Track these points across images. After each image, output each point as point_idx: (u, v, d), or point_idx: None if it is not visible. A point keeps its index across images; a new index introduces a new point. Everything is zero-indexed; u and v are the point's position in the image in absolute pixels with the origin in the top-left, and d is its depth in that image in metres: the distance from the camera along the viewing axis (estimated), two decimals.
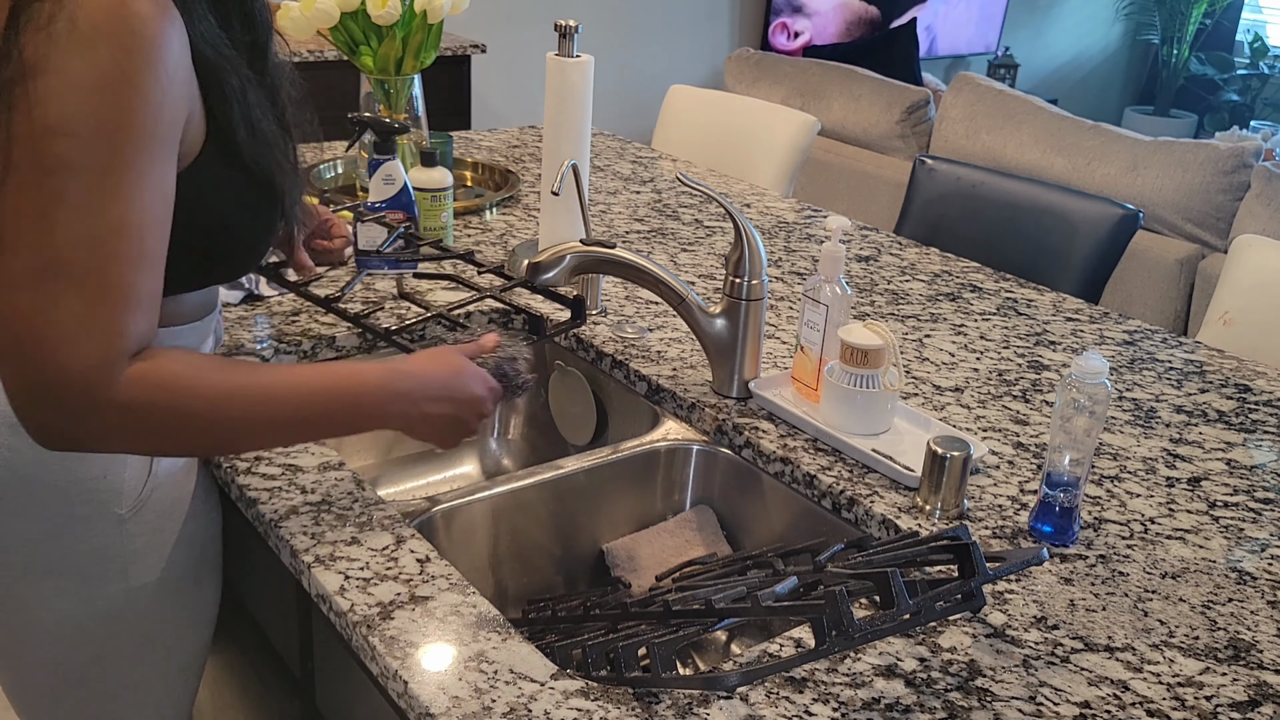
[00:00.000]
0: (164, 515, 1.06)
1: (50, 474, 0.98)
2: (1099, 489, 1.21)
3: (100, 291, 0.82)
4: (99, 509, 1.01)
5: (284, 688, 1.22)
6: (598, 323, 1.53)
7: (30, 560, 1.01)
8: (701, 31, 5.09)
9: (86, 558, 1.02)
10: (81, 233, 0.81)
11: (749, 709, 0.85)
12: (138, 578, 1.05)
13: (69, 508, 1.00)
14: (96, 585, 1.03)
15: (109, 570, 1.03)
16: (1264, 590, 1.05)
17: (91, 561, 1.02)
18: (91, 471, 1.00)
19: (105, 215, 0.82)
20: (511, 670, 0.86)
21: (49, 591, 1.02)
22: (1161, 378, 1.51)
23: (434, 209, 1.67)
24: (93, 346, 0.82)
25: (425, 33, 1.79)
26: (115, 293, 0.83)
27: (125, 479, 1.01)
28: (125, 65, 0.81)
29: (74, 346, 0.81)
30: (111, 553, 1.03)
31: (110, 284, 0.83)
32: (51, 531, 1.00)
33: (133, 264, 0.84)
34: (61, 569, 1.02)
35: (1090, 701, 0.88)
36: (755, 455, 1.27)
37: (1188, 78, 6.60)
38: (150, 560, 1.06)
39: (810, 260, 1.85)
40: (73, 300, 0.81)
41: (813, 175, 4.00)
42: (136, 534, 1.04)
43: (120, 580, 1.04)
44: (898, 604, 0.82)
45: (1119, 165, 3.29)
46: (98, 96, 0.80)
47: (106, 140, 0.81)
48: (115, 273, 0.83)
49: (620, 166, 2.34)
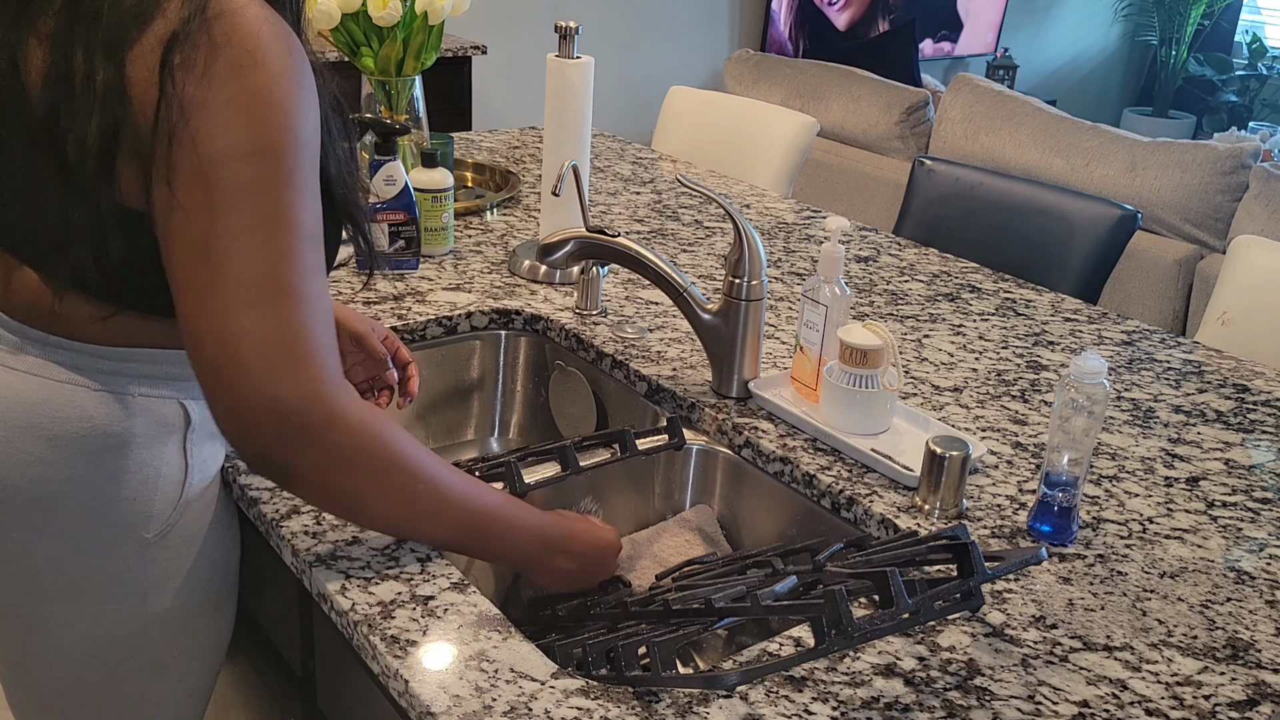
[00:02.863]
0: (188, 541, 1.04)
1: (81, 492, 0.97)
2: (1097, 489, 1.21)
3: (308, 305, 0.85)
4: (125, 531, 1.00)
5: (285, 687, 1.22)
6: (598, 323, 1.53)
7: (52, 579, 0.99)
8: (701, 32, 5.09)
9: (108, 580, 1.01)
10: (274, 248, 0.83)
11: (749, 708, 0.85)
12: (156, 603, 1.04)
13: (96, 529, 0.98)
14: (114, 608, 1.02)
15: (129, 593, 1.02)
16: (1262, 590, 1.05)
17: (112, 584, 1.01)
18: (123, 493, 0.98)
19: (290, 228, 0.84)
20: (512, 669, 0.87)
21: (66, 611, 1.01)
22: (1160, 378, 1.51)
23: (435, 210, 1.67)
24: (320, 362, 0.85)
25: (426, 34, 1.79)
26: (318, 307, 0.86)
27: (155, 502, 1.00)
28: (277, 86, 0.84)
29: (306, 361, 0.84)
30: (133, 576, 1.01)
31: (311, 297, 0.85)
32: (75, 551, 0.99)
33: (319, 273, 0.87)
34: (82, 590, 1.00)
35: (1089, 701, 0.89)
36: (755, 455, 1.27)
37: (1186, 79, 6.60)
38: (170, 586, 1.04)
39: (810, 261, 1.85)
40: (291, 317, 0.83)
41: (812, 176, 4.01)
42: (160, 559, 1.02)
43: (139, 604, 1.03)
44: (897, 603, 0.82)
45: (1117, 166, 3.29)
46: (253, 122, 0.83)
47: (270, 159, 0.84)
48: (315, 285, 0.86)
49: (620, 167, 2.34)
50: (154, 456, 0.99)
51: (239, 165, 0.83)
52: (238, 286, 0.83)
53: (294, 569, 1.02)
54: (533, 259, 1.67)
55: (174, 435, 1.00)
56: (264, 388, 0.83)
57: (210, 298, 0.83)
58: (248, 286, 0.83)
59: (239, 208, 0.83)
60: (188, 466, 1.02)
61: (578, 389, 1.51)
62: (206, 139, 0.82)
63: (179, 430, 1.01)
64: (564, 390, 1.53)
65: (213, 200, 0.83)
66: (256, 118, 0.83)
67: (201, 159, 0.82)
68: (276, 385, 0.83)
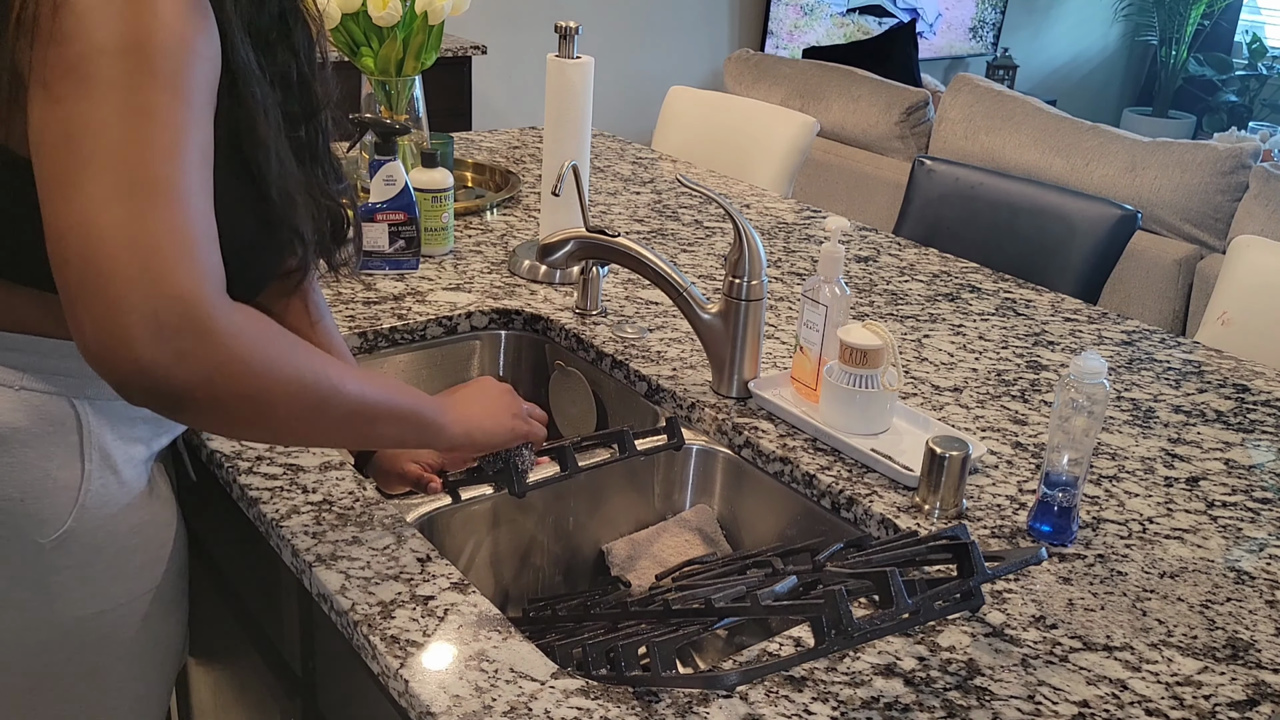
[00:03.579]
0: (96, 550, 0.97)
1: None
2: (1097, 488, 1.21)
3: (185, 202, 0.78)
4: (16, 533, 0.94)
5: (285, 687, 1.22)
6: (598, 323, 1.53)
7: None
8: (701, 33, 5.09)
9: (8, 583, 0.95)
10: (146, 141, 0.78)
11: (748, 708, 0.85)
12: (65, 611, 0.98)
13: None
14: (15, 614, 0.97)
15: (30, 600, 0.96)
16: (1262, 590, 1.05)
17: (11, 588, 0.95)
18: (8, 492, 0.92)
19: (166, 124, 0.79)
20: (512, 669, 0.87)
21: None
22: (1160, 378, 1.51)
23: (435, 210, 1.67)
24: (199, 261, 0.77)
25: (426, 34, 1.79)
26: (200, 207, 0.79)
27: (45, 506, 0.94)
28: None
29: (186, 261, 0.76)
30: (32, 582, 0.95)
31: (190, 193, 0.79)
32: None
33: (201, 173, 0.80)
34: None
35: (1089, 701, 0.89)
36: (755, 455, 1.27)
37: (1186, 79, 6.60)
38: (79, 594, 0.98)
39: (809, 261, 1.85)
40: (166, 213, 0.76)
41: (812, 176, 4.01)
42: (61, 566, 0.96)
43: (44, 610, 0.97)
44: (897, 603, 0.82)
45: (1117, 166, 3.29)
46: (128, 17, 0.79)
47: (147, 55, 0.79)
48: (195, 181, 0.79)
49: (620, 167, 2.34)
50: (42, 457, 0.93)
51: (111, 58, 0.78)
52: (104, 177, 0.76)
53: (294, 569, 1.02)
54: (533, 259, 1.67)
55: (67, 436, 0.95)
56: (134, 288, 0.74)
57: (74, 192, 0.76)
58: (115, 178, 0.76)
59: (109, 99, 0.77)
60: (85, 471, 0.95)
61: (578, 389, 1.51)
62: (80, 32, 0.77)
63: (73, 431, 0.95)
64: (564, 390, 1.53)
65: (82, 90, 0.77)
66: (130, 15, 0.79)
67: (71, 53, 0.77)
68: (148, 285, 0.74)
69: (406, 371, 1.51)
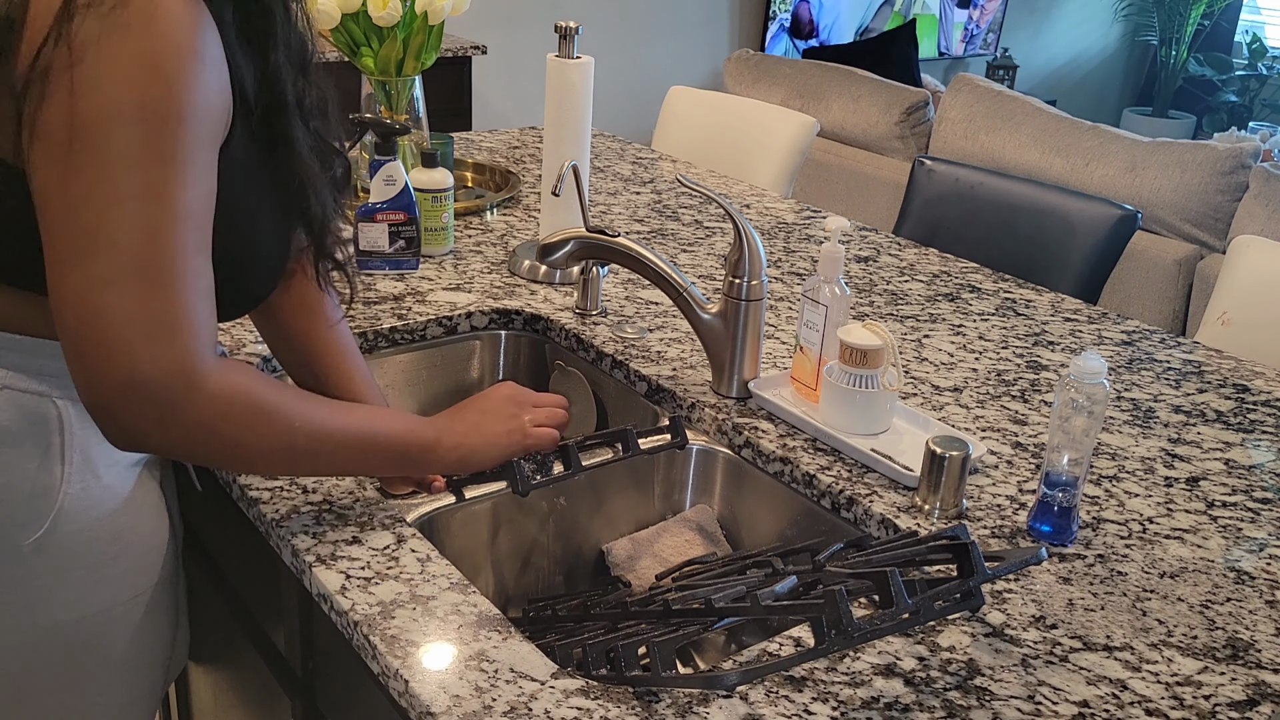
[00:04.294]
0: (75, 556, 0.97)
1: None
2: (1097, 489, 1.21)
3: (180, 284, 0.82)
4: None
5: (284, 687, 1.22)
6: (598, 323, 1.53)
7: None
8: (701, 33, 5.10)
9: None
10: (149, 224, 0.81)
11: (748, 708, 0.85)
12: (45, 616, 0.97)
13: None
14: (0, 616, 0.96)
15: (10, 603, 0.96)
16: (1262, 590, 1.05)
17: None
18: None
19: (169, 205, 0.82)
20: (512, 669, 0.87)
21: None
22: (1160, 378, 1.51)
23: (435, 210, 1.67)
24: (184, 339, 0.82)
25: (426, 34, 1.79)
26: (193, 284, 0.83)
27: (20, 509, 0.93)
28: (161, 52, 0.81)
29: (177, 342, 0.82)
30: (13, 585, 0.95)
31: (186, 275, 0.83)
32: None
33: (199, 253, 0.84)
34: None
35: (1089, 701, 0.89)
36: (755, 455, 1.27)
37: (1186, 79, 6.60)
38: (61, 599, 0.97)
39: (809, 261, 1.85)
40: (162, 295, 0.81)
41: (812, 176, 4.01)
42: (41, 570, 0.95)
43: (24, 615, 0.96)
44: (897, 603, 0.82)
45: (1117, 166, 3.30)
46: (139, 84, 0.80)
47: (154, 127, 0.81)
48: (192, 264, 0.83)
49: (620, 167, 2.34)
50: (23, 456, 0.93)
51: (117, 127, 0.79)
52: (104, 261, 0.80)
53: (294, 569, 1.02)
54: (533, 259, 1.67)
55: (48, 436, 0.94)
56: (122, 365, 0.80)
57: (75, 269, 0.80)
58: (114, 263, 0.80)
59: (112, 177, 0.80)
60: (64, 473, 0.95)
61: (578, 389, 1.51)
62: (88, 92, 0.79)
63: (55, 431, 0.94)
64: (564, 390, 1.53)
65: (87, 163, 0.79)
66: (140, 81, 0.80)
67: (79, 113, 0.79)
68: (135, 363, 0.81)
69: (406, 372, 1.51)
